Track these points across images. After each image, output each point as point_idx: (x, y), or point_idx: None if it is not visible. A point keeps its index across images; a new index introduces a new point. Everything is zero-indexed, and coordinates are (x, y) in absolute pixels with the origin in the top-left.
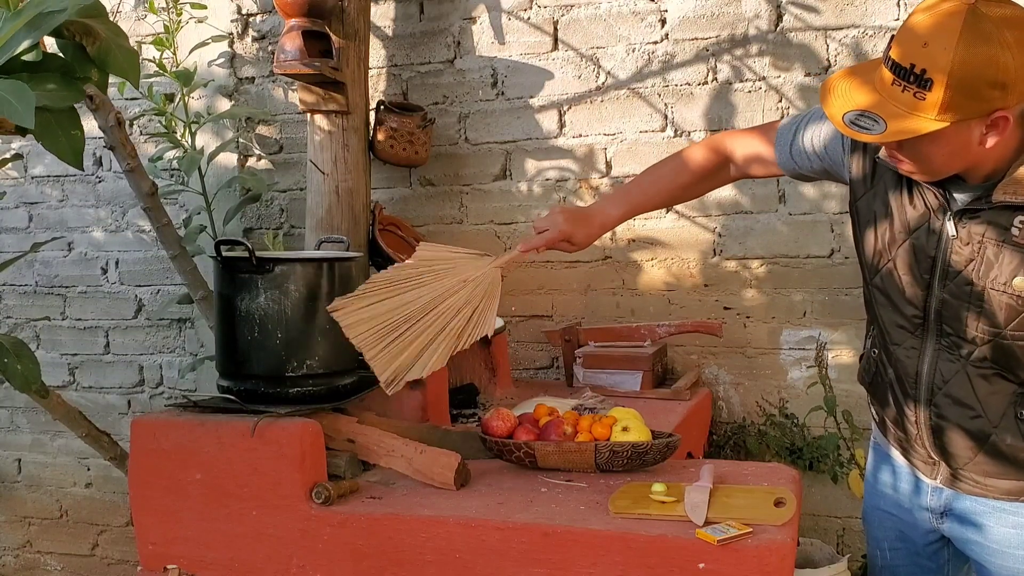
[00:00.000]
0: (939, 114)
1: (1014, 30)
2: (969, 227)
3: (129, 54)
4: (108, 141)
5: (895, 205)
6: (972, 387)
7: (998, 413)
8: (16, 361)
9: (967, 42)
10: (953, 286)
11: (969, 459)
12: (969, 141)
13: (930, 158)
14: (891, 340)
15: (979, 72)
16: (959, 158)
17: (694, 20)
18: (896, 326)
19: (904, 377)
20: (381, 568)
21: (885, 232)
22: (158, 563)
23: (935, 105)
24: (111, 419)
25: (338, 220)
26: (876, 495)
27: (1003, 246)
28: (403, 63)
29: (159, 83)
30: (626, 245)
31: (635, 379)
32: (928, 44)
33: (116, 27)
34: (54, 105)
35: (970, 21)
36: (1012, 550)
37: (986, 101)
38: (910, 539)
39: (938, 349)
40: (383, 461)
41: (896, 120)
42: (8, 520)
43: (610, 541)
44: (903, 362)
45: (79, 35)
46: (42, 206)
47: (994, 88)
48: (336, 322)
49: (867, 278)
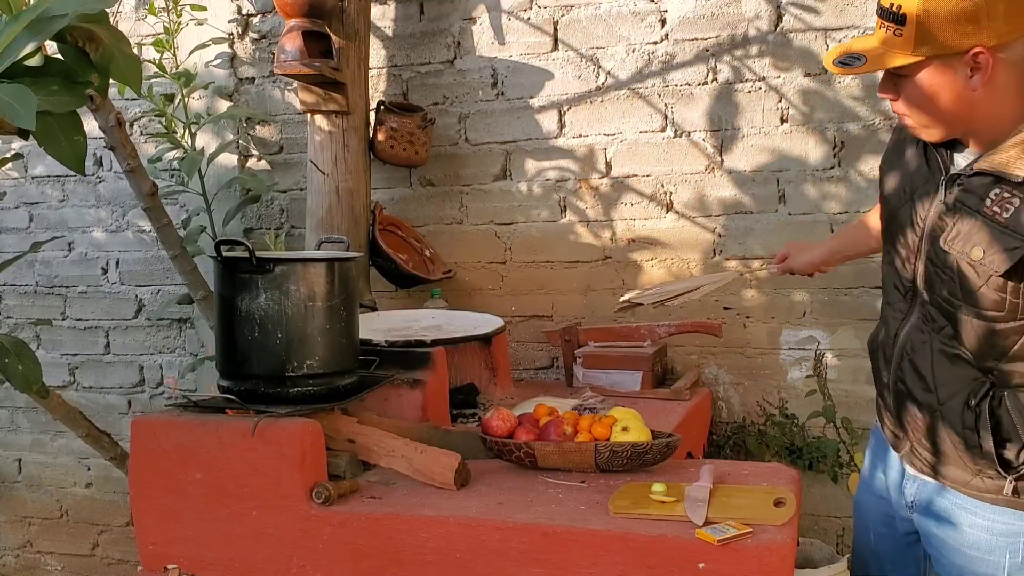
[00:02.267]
0: (914, 48)
1: None
2: (955, 193)
3: (131, 60)
4: (108, 141)
5: (911, 166)
6: (932, 361)
7: (948, 394)
8: (17, 361)
9: None
10: (933, 252)
11: (917, 431)
12: (955, 83)
13: (923, 104)
14: (888, 300)
15: (947, 4)
16: (952, 104)
17: (694, 20)
18: (893, 287)
19: (887, 340)
20: (381, 568)
21: (898, 192)
22: (158, 563)
23: (910, 40)
24: (111, 419)
25: (338, 220)
26: (870, 479)
27: (976, 216)
28: (403, 63)
29: (159, 84)
30: (626, 245)
31: (635, 379)
32: None
33: (119, 32)
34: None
35: None
36: (965, 548)
37: (959, 35)
38: (894, 526)
39: (918, 318)
40: (383, 461)
41: (876, 57)
42: (8, 520)
43: (610, 541)
44: (890, 324)
45: (82, 40)
46: (42, 206)
47: (965, 22)
48: (336, 322)
49: (884, 231)
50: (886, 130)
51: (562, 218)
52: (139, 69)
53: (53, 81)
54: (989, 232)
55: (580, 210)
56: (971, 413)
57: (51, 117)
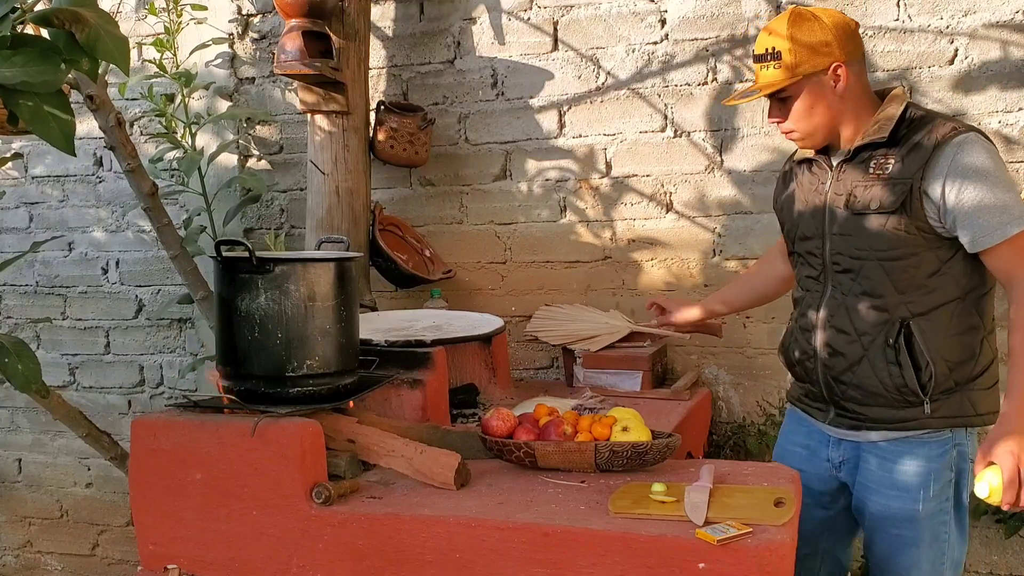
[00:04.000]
0: (790, 73)
1: (821, 14)
2: (843, 177)
3: (118, 40)
4: (109, 141)
5: (803, 187)
6: (850, 317)
7: (870, 339)
8: (16, 361)
9: (794, 22)
10: (837, 226)
11: (847, 385)
12: (825, 94)
13: (805, 117)
14: (804, 289)
15: (808, 36)
16: (826, 111)
17: (694, 20)
18: (808, 278)
19: (806, 324)
20: (381, 568)
21: (797, 209)
22: (158, 563)
23: (788, 67)
24: (111, 419)
25: (338, 220)
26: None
27: (866, 181)
28: (403, 63)
29: (159, 84)
30: (626, 245)
31: (635, 379)
32: (771, 33)
33: (106, 14)
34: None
35: (793, 12)
36: (886, 489)
37: (822, 56)
38: (811, 489)
39: (831, 289)
40: (383, 461)
41: (767, 85)
42: (8, 520)
43: (610, 541)
44: (806, 309)
45: (67, 22)
46: (42, 206)
47: (824, 46)
48: (336, 322)
49: (791, 250)
50: None
51: (562, 218)
52: (127, 48)
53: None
54: (881, 186)
55: (580, 210)
56: (891, 350)
57: (38, 97)
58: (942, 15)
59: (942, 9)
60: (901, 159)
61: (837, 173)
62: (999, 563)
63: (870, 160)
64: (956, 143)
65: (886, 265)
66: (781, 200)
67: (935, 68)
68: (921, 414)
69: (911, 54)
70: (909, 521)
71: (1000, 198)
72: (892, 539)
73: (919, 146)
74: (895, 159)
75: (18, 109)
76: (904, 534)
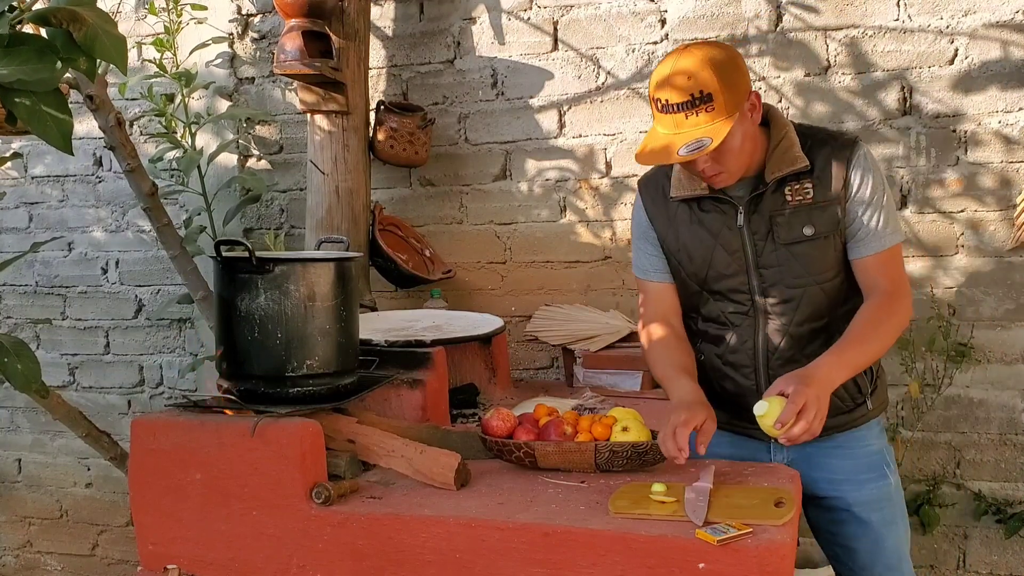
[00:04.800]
0: (728, 112)
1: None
2: (758, 211)
3: (116, 40)
4: (108, 141)
5: (696, 225)
6: (795, 345)
7: None
8: (16, 361)
9: (710, 61)
10: (763, 258)
11: None
12: (746, 125)
13: (735, 153)
14: (732, 325)
15: (728, 72)
16: (749, 143)
17: (694, 20)
18: (733, 313)
19: (738, 360)
20: (381, 568)
21: (698, 247)
22: (158, 563)
23: (723, 107)
24: (111, 419)
25: (338, 220)
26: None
27: (785, 211)
28: (403, 63)
29: (159, 84)
30: (626, 245)
31: (635, 379)
32: (691, 77)
33: (104, 14)
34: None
35: (702, 52)
36: (854, 475)
37: (742, 88)
38: None
39: (767, 321)
40: (383, 461)
41: (713, 132)
42: (8, 520)
43: (610, 541)
44: (743, 342)
45: (65, 21)
46: (42, 206)
47: (741, 75)
48: (336, 322)
49: (698, 289)
50: (885, 128)
51: (562, 218)
52: (124, 48)
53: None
54: (807, 211)
55: (580, 210)
56: None
57: (35, 96)
58: (942, 15)
59: (942, 9)
60: (817, 181)
61: (749, 205)
62: (999, 563)
63: (782, 188)
64: (860, 155)
65: (826, 287)
66: (678, 242)
67: (935, 68)
68: (866, 409)
69: (911, 54)
70: (887, 499)
71: (888, 209)
72: (875, 524)
73: (830, 165)
74: (809, 182)
75: (15, 108)
76: (884, 515)
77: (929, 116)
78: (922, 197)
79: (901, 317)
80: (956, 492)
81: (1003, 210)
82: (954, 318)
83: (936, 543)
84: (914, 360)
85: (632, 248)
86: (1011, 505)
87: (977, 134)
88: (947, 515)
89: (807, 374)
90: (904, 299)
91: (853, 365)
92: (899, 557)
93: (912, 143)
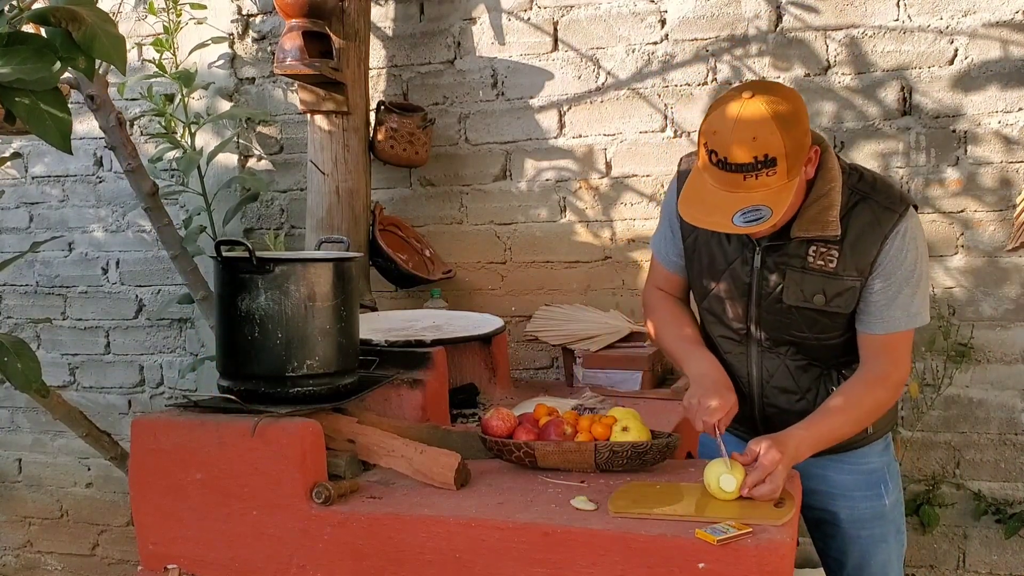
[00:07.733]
0: (790, 176)
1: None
2: (774, 258)
3: (115, 39)
4: (109, 141)
5: (714, 243)
6: (791, 376)
7: (814, 393)
8: (16, 360)
9: (777, 119)
10: (766, 304)
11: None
12: (802, 182)
13: (785, 213)
14: (722, 349)
15: (794, 132)
16: (797, 198)
17: (694, 20)
18: (724, 338)
19: (738, 378)
20: (381, 568)
21: (710, 265)
22: (158, 563)
23: (785, 172)
24: (111, 419)
25: (338, 220)
26: None
27: (802, 271)
28: (403, 63)
29: (159, 84)
30: (626, 245)
31: (635, 379)
32: (756, 138)
33: (103, 13)
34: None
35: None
36: (849, 492)
37: (805, 146)
38: None
39: (761, 351)
40: (383, 461)
41: (772, 199)
42: (8, 520)
43: (610, 541)
44: (735, 366)
45: (65, 21)
46: (42, 206)
47: (805, 134)
48: (336, 322)
49: (698, 302)
50: (885, 127)
51: (562, 218)
52: (123, 47)
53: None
54: (822, 280)
55: (580, 210)
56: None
57: (34, 95)
58: (942, 15)
59: (942, 9)
60: (845, 251)
61: (764, 251)
62: (999, 563)
63: (806, 249)
64: (902, 230)
65: (827, 343)
66: (695, 248)
67: (935, 68)
68: (866, 434)
69: (911, 54)
70: (879, 518)
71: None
72: (864, 540)
73: (864, 236)
74: (836, 250)
75: (14, 107)
76: (875, 532)
77: (929, 116)
78: (922, 197)
79: (887, 398)
80: (956, 492)
81: (1003, 210)
82: (954, 318)
83: (936, 543)
84: (914, 360)
85: (657, 224)
86: (1011, 505)
87: (977, 134)
88: (947, 515)
89: (780, 440)
90: (898, 383)
91: (825, 441)
92: (886, 574)
93: (912, 143)
